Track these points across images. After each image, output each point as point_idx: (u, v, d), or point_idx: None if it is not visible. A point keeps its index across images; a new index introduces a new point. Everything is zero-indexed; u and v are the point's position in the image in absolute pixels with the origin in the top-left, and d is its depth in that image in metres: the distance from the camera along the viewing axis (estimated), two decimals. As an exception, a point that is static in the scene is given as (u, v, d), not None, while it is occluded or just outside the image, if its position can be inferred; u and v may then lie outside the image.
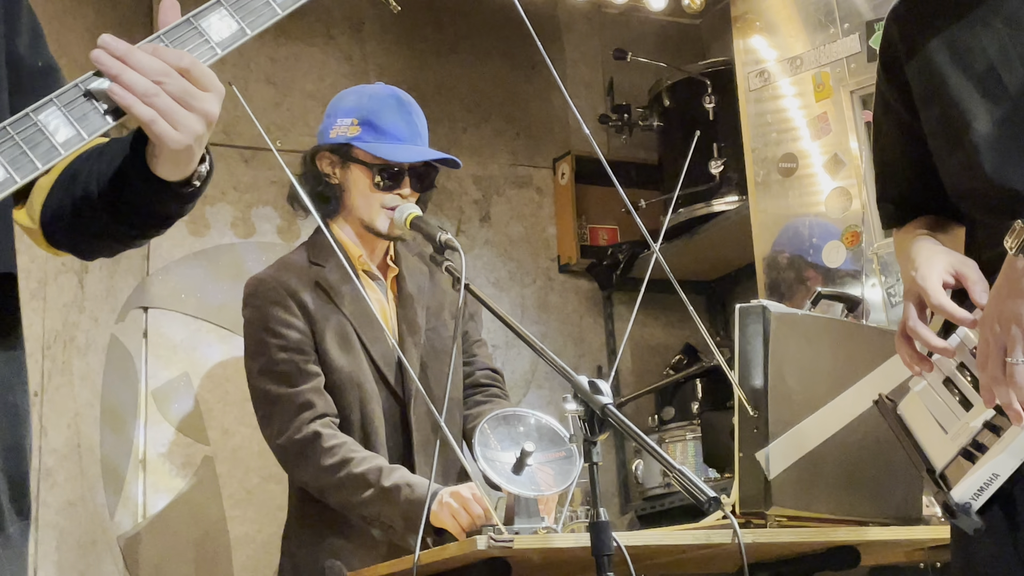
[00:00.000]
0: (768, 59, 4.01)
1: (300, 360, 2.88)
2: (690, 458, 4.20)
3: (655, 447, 1.99)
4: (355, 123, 2.98)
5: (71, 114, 1.36)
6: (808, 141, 3.88)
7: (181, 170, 1.47)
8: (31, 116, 1.34)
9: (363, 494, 2.75)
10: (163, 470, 4.11)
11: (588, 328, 4.92)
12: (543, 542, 2.44)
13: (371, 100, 3.00)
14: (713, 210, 4.38)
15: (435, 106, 4.79)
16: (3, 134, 1.33)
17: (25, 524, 1.51)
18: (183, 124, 1.39)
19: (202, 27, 1.43)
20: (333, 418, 2.87)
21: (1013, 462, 1.72)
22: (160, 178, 1.47)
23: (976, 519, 1.75)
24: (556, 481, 2.52)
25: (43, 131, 1.34)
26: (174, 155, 1.43)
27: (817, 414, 2.61)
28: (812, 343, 2.66)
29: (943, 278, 1.83)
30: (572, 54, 5.12)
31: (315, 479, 2.82)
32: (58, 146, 1.34)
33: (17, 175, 1.32)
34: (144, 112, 1.37)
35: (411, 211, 2.90)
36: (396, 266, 3.07)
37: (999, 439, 1.72)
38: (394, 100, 3.02)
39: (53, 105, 1.36)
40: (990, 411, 1.74)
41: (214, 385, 4.20)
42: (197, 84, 1.40)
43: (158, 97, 1.37)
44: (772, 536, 2.59)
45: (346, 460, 2.77)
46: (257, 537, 4.11)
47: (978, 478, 1.74)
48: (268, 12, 1.46)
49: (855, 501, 2.62)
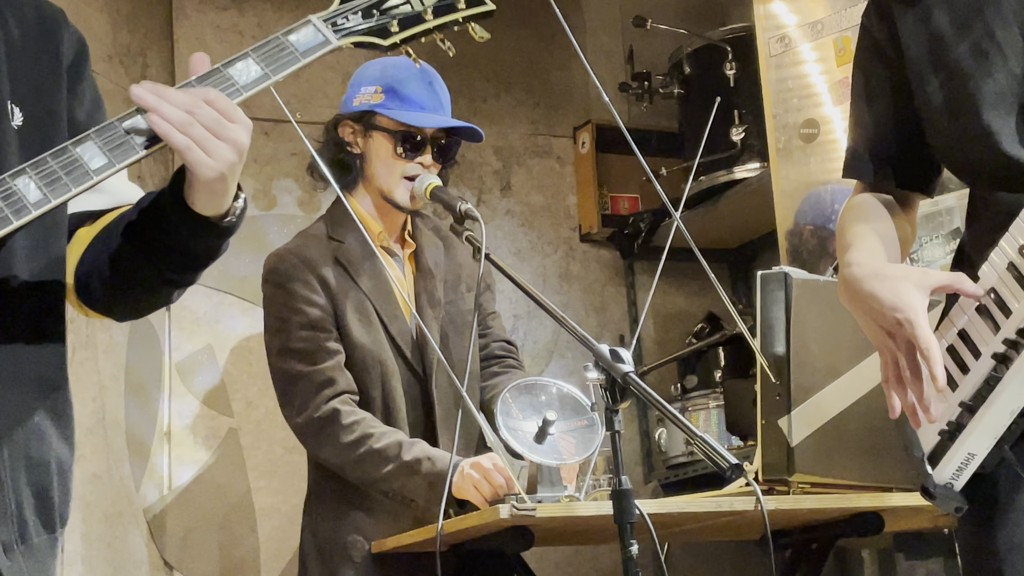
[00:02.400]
0: (789, 24, 3.98)
1: (322, 337, 2.87)
2: (713, 426, 4.20)
3: (676, 415, 1.99)
4: (379, 91, 2.98)
5: (105, 146, 1.48)
6: (830, 107, 3.85)
7: (216, 203, 1.55)
8: (69, 148, 1.47)
9: (384, 469, 2.75)
10: (188, 442, 4.13)
11: (610, 297, 4.91)
12: (566, 510, 2.45)
13: (395, 69, 2.99)
14: (735, 177, 4.35)
15: (455, 76, 4.75)
16: (43, 163, 1.46)
17: (52, 538, 1.57)
18: (216, 152, 1.49)
19: (228, 72, 1.56)
20: (353, 395, 2.86)
21: (988, 441, 1.71)
22: (196, 212, 1.55)
23: (958, 499, 1.74)
24: (578, 450, 2.53)
25: (78, 160, 1.46)
26: (209, 186, 1.52)
27: (839, 380, 2.61)
28: (834, 310, 2.64)
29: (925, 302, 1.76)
30: (592, 22, 5.09)
31: (335, 456, 2.82)
32: (91, 172, 1.47)
33: (51, 195, 1.44)
34: (180, 140, 1.48)
35: (431, 181, 2.90)
36: (414, 241, 3.06)
37: (973, 418, 1.72)
38: (417, 70, 3.00)
39: (90, 139, 1.48)
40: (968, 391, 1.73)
41: (237, 357, 4.22)
42: (224, 115, 1.50)
43: (192, 127, 1.48)
44: (795, 503, 2.59)
45: (366, 436, 2.77)
46: (282, 508, 4.14)
47: (956, 458, 1.73)
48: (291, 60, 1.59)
49: (878, 467, 2.61)
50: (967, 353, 1.76)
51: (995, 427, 1.70)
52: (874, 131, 2.01)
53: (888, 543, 3.56)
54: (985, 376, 1.71)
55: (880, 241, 1.89)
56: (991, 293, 1.73)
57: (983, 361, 1.73)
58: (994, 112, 1.78)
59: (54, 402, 1.59)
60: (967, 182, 1.91)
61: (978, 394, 1.72)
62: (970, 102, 1.80)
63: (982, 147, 1.79)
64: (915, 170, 1.99)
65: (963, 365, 1.76)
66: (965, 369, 1.75)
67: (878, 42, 1.98)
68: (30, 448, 1.54)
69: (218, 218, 1.57)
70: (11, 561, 1.50)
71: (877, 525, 2.73)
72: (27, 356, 1.56)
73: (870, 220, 1.95)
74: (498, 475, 2.60)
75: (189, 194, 1.54)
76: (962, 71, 1.82)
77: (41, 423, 1.56)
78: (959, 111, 1.82)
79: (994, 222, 1.78)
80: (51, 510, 1.57)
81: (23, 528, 1.52)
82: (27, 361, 1.56)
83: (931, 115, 1.88)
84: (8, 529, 1.51)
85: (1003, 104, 1.78)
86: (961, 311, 1.77)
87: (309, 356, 2.86)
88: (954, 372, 1.76)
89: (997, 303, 1.72)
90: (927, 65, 1.87)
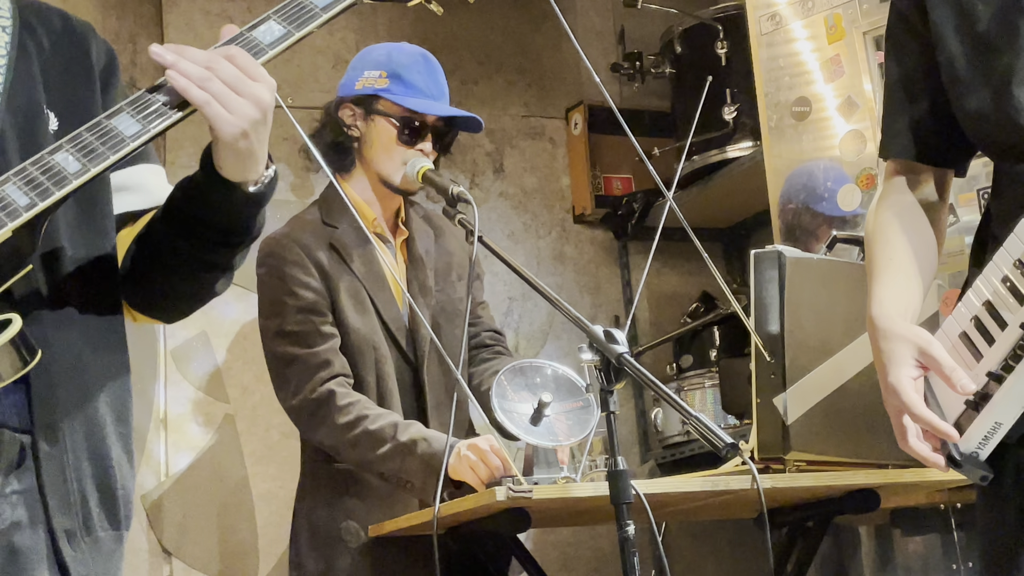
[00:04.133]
0: (779, 2, 3.97)
1: (317, 321, 2.87)
2: (709, 405, 4.20)
3: (671, 394, 1.99)
4: (383, 75, 2.98)
5: (138, 113, 1.49)
6: (821, 84, 3.84)
7: (243, 167, 1.54)
8: (103, 121, 1.48)
9: (379, 450, 2.74)
10: (184, 429, 4.14)
11: (604, 278, 4.91)
12: (562, 492, 2.45)
13: (400, 54, 3.00)
14: (727, 156, 4.35)
15: (446, 58, 4.72)
16: (79, 137, 1.47)
17: (118, 535, 1.57)
18: (236, 108, 1.48)
19: (252, 35, 1.56)
20: (348, 378, 2.86)
21: (1015, 409, 1.72)
22: (226, 179, 1.54)
23: (984, 468, 1.75)
24: (574, 431, 2.53)
25: (113, 129, 1.47)
26: (232, 146, 1.51)
27: (834, 358, 2.61)
28: (828, 287, 2.65)
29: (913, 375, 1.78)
30: (583, 3, 5.08)
31: (330, 437, 2.81)
32: (127, 138, 1.47)
33: (90, 164, 1.45)
34: (198, 95, 1.47)
35: (423, 164, 2.90)
36: (406, 228, 3.06)
37: (1000, 387, 1.72)
38: (422, 58, 3.02)
39: (123, 111, 1.49)
40: (996, 360, 1.74)
41: (232, 343, 4.22)
42: (244, 71, 1.50)
43: (211, 82, 1.47)
44: (791, 481, 2.60)
45: (361, 417, 2.77)
46: (280, 493, 4.14)
47: (982, 427, 1.74)
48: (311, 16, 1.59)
49: (874, 444, 2.61)
50: (992, 323, 1.77)
51: (1023, 396, 1.71)
52: (911, 108, 1.98)
53: (885, 519, 3.56)
54: (1013, 345, 1.72)
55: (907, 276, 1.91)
56: (1017, 265, 1.74)
57: (1011, 331, 1.73)
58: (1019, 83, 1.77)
59: (115, 399, 1.59)
60: (992, 156, 1.90)
61: (1006, 364, 1.73)
62: (1000, 75, 1.79)
63: (1011, 122, 1.78)
64: (951, 147, 1.98)
65: (988, 336, 1.76)
66: (991, 340, 1.76)
67: (907, 17, 1.96)
68: (93, 441, 1.54)
69: (247, 185, 1.56)
70: (76, 551, 1.50)
71: (873, 502, 2.73)
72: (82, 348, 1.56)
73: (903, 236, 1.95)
74: (494, 457, 2.60)
75: (216, 160, 1.54)
76: (991, 44, 1.82)
77: (104, 418, 1.56)
78: (987, 83, 1.82)
79: (1020, 196, 1.78)
80: (115, 504, 1.57)
81: (88, 519, 1.52)
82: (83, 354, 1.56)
83: (956, 87, 1.87)
84: (72, 519, 1.50)
85: None
86: (986, 283, 1.78)
87: (304, 339, 2.85)
88: (979, 344, 1.77)
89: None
90: (954, 35, 1.86)
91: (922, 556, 3.55)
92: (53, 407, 1.50)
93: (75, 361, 1.54)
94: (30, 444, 1.48)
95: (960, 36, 1.85)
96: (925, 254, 1.94)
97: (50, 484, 1.48)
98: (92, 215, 1.62)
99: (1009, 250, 1.75)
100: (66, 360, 1.52)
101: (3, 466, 1.46)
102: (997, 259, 1.77)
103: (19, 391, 1.47)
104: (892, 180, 2.02)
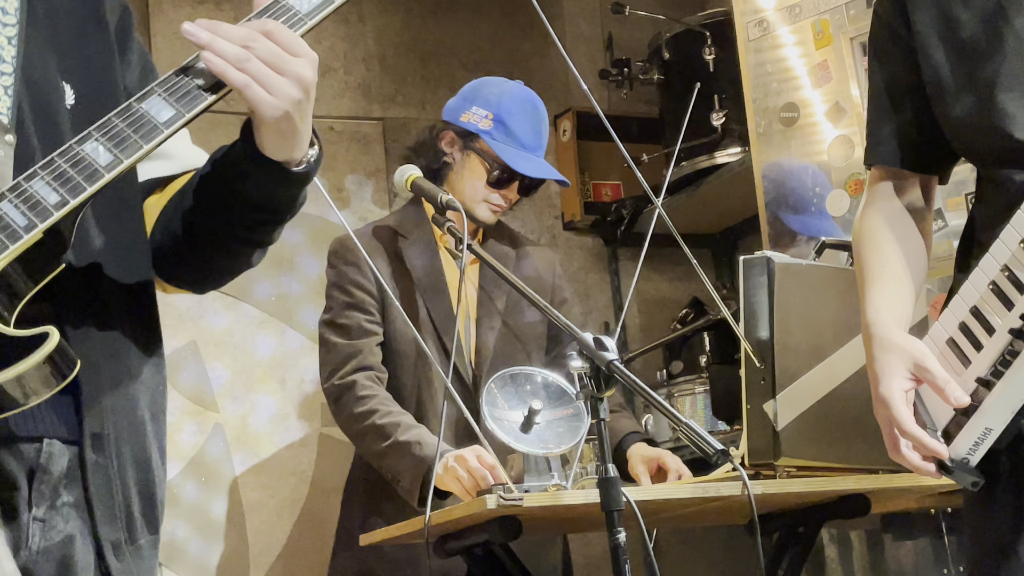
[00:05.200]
0: (767, 8, 3.98)
1: (363, 318, 3.04)
2: (699, 411, 4.20)
3: (661, 401, 2.00)
4: (490, 117, 3.10)
5: (171, 96, 1.39)
6: (809, 90, 3.85)
7: (287, 147, 1.45)
8: (133, 105, 1.38)
9: (380, 445, 2.86)
10: (174, 439, 4.12)
11: (594, 285, 4.91)
12: (553, 500, 2.45)
13: (511, 101, 3.13)
14: (716, 162, 4.35)
15: (433, 66, 4.77)
16: (109, 124, 1.37)
17: (155, 539, 1.54)
18: (277, 89, 1.38)
19: (289, 3, 1.44)
20: (379, 373, 3.01)
21: (1005, 415, 1.72)
22: (268, 158, 1.45)
23: (975, 474, 1.75)
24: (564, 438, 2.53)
25: (145, 115, 1.37)
26: (274, 127, 1.42)
27: (824, 363, 2.61)
28: (817, 293, 2.66)
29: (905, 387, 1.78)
30: (570, 9, 5.08)
31: (346, 425, 2.97)
32: (160, 125, 1.38)
33: (123, 156, 1.36)
34: (237, 77, 1.38)
35: (411, 172, 2.92)
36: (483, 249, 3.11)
37: (990, 393, 1.73)
38: (530, 106, 3.15)
39: (155, 93, 1.39)
40: (985, 366, 1.74)
41: (222, 352, 4.21)
42: (284, 47, 1.39)
43: (249, 62, 1.37)
44: (782, 487, 2.60)
45: (372, 411, 2.90)
46: (269, 503, 4.13)
47: (973, 433, 1.74)
48: None
49: (864, 449, 2.62)
50: (980, 329, 1.77)
51: (1013, 401, 1.72)
52: (895, 115, 1.99)
53: (876, 524, 3.57)
54: (1001, 351, 1.73)
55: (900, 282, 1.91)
56: (1004, 270, 1.74)
57: (999, 336, 1.74)
58: (1009, 95, 1.78)
59: (153, 397, 1.53)
60: (976, 163, 1.90)
61: (995, 369, 1.73)
62: (984, 82, 1.80)
63: (995, 129, 1.79)
64: (935, 154, 1.98)
65: (976, 341, 1.77)
66: (979, 346, 1.76)
67: (890, 24, 1.97)
68: (135, 447, 1.49)
69: (291, 164, 1.47)
70: (120, 562, 1.46)
71: (864, 507, 2.74)
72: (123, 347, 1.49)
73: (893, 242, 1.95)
74: (480, 468, 2.62)
75: (258, 139, 1.44)
76: (975, 51, 1.82)
77: (144, 419, 1.51)
78: (971, 90, 1.82)
79: (1004, 202, 1.78)
80: (155, 510, 1.52)
81: (131, 528, 1.48)
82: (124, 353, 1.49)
83: (940, 94, 1.87)
84: (117, 528, 1.46)
85: (1018, 87, 1.78)
86: (973, 289, 1.79)
87: (347, 331, 3.03)
88: (967, 349, 1.78)
89: (1011, 280, 1.73)
90: (937, 42, 1.86)
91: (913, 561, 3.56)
92: (100, 415, 1.44)
93: (118, 363, 1.47)
94: (77, 454, 1.42)
95: (944, 43, 1.86)
96: (915, 260, 1.95)
97: (97, 495, 1.43)
98: (121, 193, 1.51)
99: (995, 256, 1.76)
100: (110, 364, 1.46)
101: (55, 479, 1.42)
102: (983, 265, 1.77)
103: (66, 400, 1.41)
104: (878, 186, 2.02)
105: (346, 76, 4.61)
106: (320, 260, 3.94)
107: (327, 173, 4.38)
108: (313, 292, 4.16)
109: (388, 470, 2.86)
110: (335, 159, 4.48)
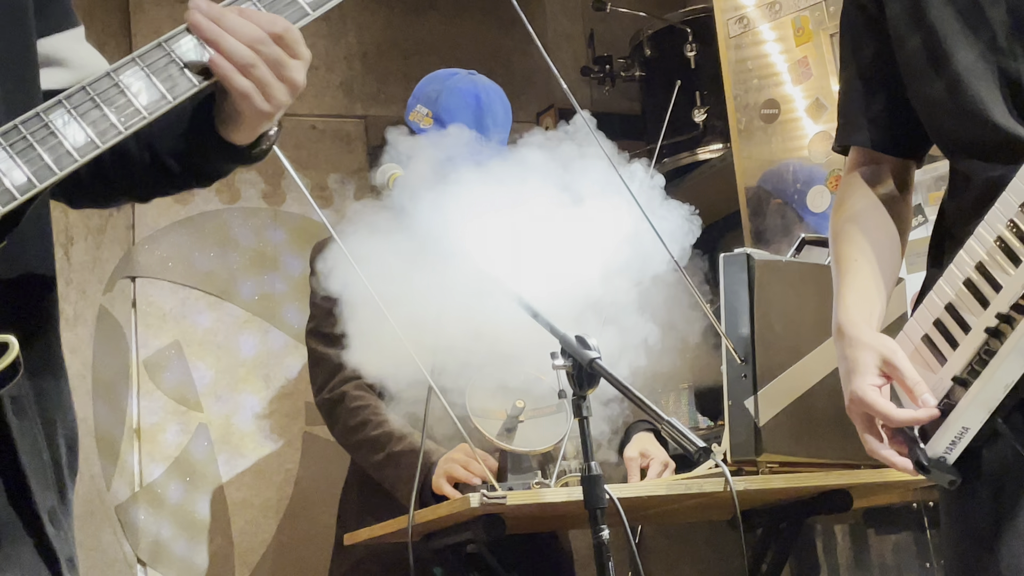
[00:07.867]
0: (747, 5, 3.99)
1: None
2: (683, 408, 4.21)
3: (643, 399, 2.00)
4: (430, 115, 3.09)
5: (155, 76, 1.27)
6: (790, 86, 3.86)
7: (254, 135, 1.39)
8: (112, 76, 1.26)
9: (375, 458, 2.87)
10: (158, 439, 4.12)
11: (577, 281, 4.91)
12: (536, 498, 2.46)
13: (448, 95, 3.09)
14: (697, 159, 4.36)
15: (415, 64, 4.76)
16: (84, 94, 1.25)
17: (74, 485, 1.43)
18: (274, 96, 1.31)
19: None
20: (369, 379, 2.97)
21: (982, 414, 1.72)
22: (231, 144, 1.39)
23: (953, 472, 1.75)
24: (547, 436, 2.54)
25: (125, 92, 1.25)
26: (253, 122, 1.35)
27: (804, 359, 2.62)
28: (797, 289, 2.67)
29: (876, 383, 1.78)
30: (552, 7, 5.09)
31: (342, 438, 2.98)
32: (141, 109, 1.25)
33: (100, 140, 1.24)
34: (241, 84, 1.29)
35: (394, 171, 2.91)
36: None
37: (966, 392, 1.73)
38: (472, 99, 3.10)
39: (136, 65, 1.27)
40: (960, 365, 1.74)
41: (206, 352, 4.20)
42: (288, 51, 1.31)
43: (256, 68, 1.28)
44: (764, 483, 2.61)
45: (365, 422, 2.90)
46: (255, 502, 4.13)
47: (949, 432, 1.74)
48: None
49: (845, 444, 2.63)
50: (955, 326, 1.76)
51: (989, 400, 1.71)
52: (869, 98, 1.98)
53: (858, 519, 3.58)
54: (977, 349, 1.72)
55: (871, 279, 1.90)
56: (979, 269, 1.74)
57: (974, 335, 1.73)
58: (981, 82, 1.77)
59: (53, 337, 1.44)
60: (946, 151, 1.88)
61: (972, 369, 1.73)
62: (956, 67, 1.79)
63: (965, 113, 1.78)
64: (910, 136, 1.97)
65: (951, 339, 1.77)
66: (954, 343, 1.76)
67: (864, 7, 1.96)
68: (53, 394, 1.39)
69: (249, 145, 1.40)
70: (56, 528, 1.34)
71: (846, 502, 2.75)
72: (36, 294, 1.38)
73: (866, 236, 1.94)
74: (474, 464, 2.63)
75: (224, 124, 1.37)
76: (948, 35, 1.82)
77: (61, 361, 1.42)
78: (944, 75, 1.81)
79: (977, 195, 1.78)
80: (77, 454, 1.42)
81: (63, 489, 1.37)
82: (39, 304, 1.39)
83: (914, 77, 1.87)
84: (52, 494, 1.35)
85: (990, 75, 1.77)
86: (945, 288, 1.78)
87: (332, 340, 2.98)
88: (942, 347, 1.77)
89: (986, 277, 1.73)
90: (911, 26, 1.85)
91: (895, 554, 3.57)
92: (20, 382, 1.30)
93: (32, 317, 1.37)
94: None
95: (918, 27, 1.86)
96: (889, 254, 1.94)
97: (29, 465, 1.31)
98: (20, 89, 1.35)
99: (970, 253, 1.76)
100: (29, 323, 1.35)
101: None
102: (958, 262, 1.77)
103: None
104: (852, 175, 2.02)
105: (328, 74, 4.61)
106: (303, 259, 3.94)
107: (309, 171, 4.38)
108: (296, 291, 4.16)
109: (385, 481, 2.86)
110: (317, 157, 4.47)
